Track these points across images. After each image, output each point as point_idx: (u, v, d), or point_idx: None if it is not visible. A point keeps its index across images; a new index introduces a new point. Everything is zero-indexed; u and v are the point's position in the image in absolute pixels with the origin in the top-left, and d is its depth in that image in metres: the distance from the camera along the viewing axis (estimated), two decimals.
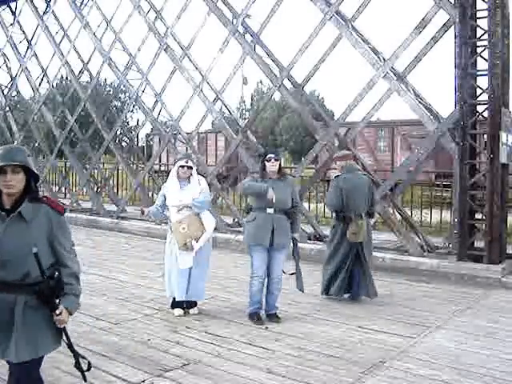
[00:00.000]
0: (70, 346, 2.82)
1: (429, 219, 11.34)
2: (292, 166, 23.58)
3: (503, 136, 7.53)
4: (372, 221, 7.00)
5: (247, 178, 5.68)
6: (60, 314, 2.64)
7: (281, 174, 5.46)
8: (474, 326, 5.34)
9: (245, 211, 5.86)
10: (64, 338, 2.83)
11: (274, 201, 5.21)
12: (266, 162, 5.38)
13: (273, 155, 5.37)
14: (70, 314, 2.72)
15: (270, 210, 5.31)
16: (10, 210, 2.56)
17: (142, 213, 5.97)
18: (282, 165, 5.93)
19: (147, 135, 32.57)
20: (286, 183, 5.45)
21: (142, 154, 17.84)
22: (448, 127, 8.00)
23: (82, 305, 5.78)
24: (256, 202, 5.38)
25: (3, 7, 15.63)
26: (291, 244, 5.60)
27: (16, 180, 2.54)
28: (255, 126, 18.84)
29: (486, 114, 7.63)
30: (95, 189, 14.15)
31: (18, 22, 15.37)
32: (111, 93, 28.88)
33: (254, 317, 5.39)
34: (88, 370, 2.88)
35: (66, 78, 30.01)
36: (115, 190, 15.74)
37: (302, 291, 5.76)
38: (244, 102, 50.76)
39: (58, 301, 2.63)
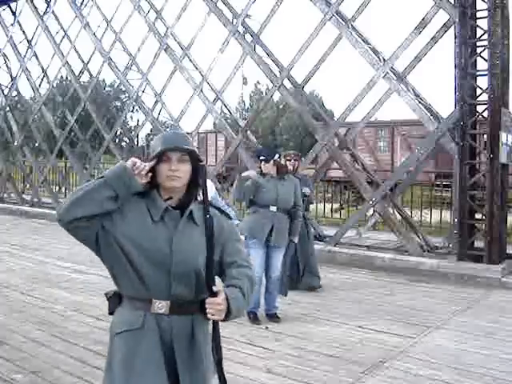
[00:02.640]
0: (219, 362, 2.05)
1: (429, 219, 11.34)
2: None
3: (503, 136, 7.52)
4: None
5: (247, 172, 5.63)
6: (216, 294, 1.87)
7: (282, 172, 5.40)
8: (474, 325, 5.34)
9: (247, 206, 5.68)
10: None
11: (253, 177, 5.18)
12: (260, 164, 5.39)
13: (263, 157, 5.33)
14: (229, 311, 1.87)
15: (273, 208, 5.29)
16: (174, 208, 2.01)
17: None
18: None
19: (147, 135, 32.57)
20: (289, 182, 5.40)
21: (142, 154, 17.83)
22: (448, 127, 7.99)
23: (82, 305, 5.86)
24: (260, 200, 5.32)
25: (3, 7, 15.62)
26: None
27: (182, 171, 1.98)
28: (255, 126, 18.83)
29: (485, 114, 7.63)
30: None
31: (18, 22, 15.36)
32: (111, 93, 28.86)
33: (251, 315, 5.37)
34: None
35: (66, 78, 30.01)
36: None
37: (285, 295, 5.63)
38: (244, 102, 50.83)
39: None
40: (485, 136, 7.92)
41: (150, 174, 1.95)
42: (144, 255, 1.88)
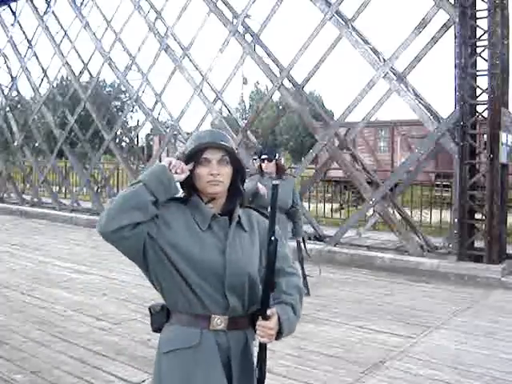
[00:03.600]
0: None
1: (429, 219, 11.34)
2: (292, 165, 23.56)
3: (503, 136, 7.53)
4: None
5: (247, 181, 5.60)
6: (269, 318, 1.75)
7: (280, 173, 5.37)
8: (474, 325, 5.34)
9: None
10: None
11: (265, 195, 4.92)
12: (261, 163, 5.31)
13: (266, 156, 5.29)
14: (280, 331, 1.81)
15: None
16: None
17: None
18: (283, 163, 5.86)
19: (147, 135, 32.58)
20: (287, 182, 5.37)
21: (142, 154, 17.84)
22: (448, 127, 8.00)
23: (82, 305, 5.86)
24: (260, 202, 5.08)
25: (3, 7, 15.63)
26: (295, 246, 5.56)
27: (223, 174, 1.81)
28: (255, 126, 18.85)
29: (485, 114, 7.63)
30: (95, 189, 14.16)
31: (18, 22, 15.36)
32: (111, 93, 28.89)
33: None
34: None
35: (67, 78, 30.01)
36: (115, 190, 15.74)
37: (308, 294, 5.66)
38: (244, 102, 50.89)
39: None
40: (485, 136, 7.93)
41: (188, 170, 1.80)
42: (195, 267, 1.75)
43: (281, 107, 18.08)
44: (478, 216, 7.91)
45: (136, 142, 17.32)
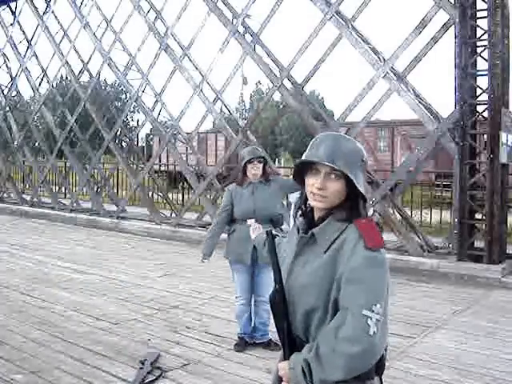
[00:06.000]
0: None
1: (429, 219, 11.34)
2: (292, 166, 23.55)
3: (503, 136, 7.53)
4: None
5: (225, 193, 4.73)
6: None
7: (264, 176, 4.59)
8: (474, 325, 5.34)
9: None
10: None
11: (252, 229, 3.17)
12: (247, 165, 4.52)
13: (255, 157, 4.50)
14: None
15: (251, 221, 4.01)
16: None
17: None
18: (273, 165, 4.87)
19: (147, 135, 32.58)
20: (273, 185, 4.58)
21: (142, 154, 17.83)
22: (448, 127, 7.99)
23: (82, 305, 5.87)
24: (236, 212, 4.56)
25: (3, 7, 15.63)
26: None
27: (331, 189, 1.64)
28: (255, 126, 18.84)
29: (486, 114, 7.63)
30: (95, 189, 14.16)
31: (18, 22, 15.37)
32: (111, 93, 28.87)
33: (238, 341, 4.66)
34: None
35: (66, 78, 30.02)
36: (115, 190, 15.74)
37: None
38: (244, 102, 50.91)
39: None
40: (485, 136, 7.92)
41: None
42: None
43: (281, 107, 18.06)
44: (478, 216, 7.91)
45: (136, 142, 17.30)
